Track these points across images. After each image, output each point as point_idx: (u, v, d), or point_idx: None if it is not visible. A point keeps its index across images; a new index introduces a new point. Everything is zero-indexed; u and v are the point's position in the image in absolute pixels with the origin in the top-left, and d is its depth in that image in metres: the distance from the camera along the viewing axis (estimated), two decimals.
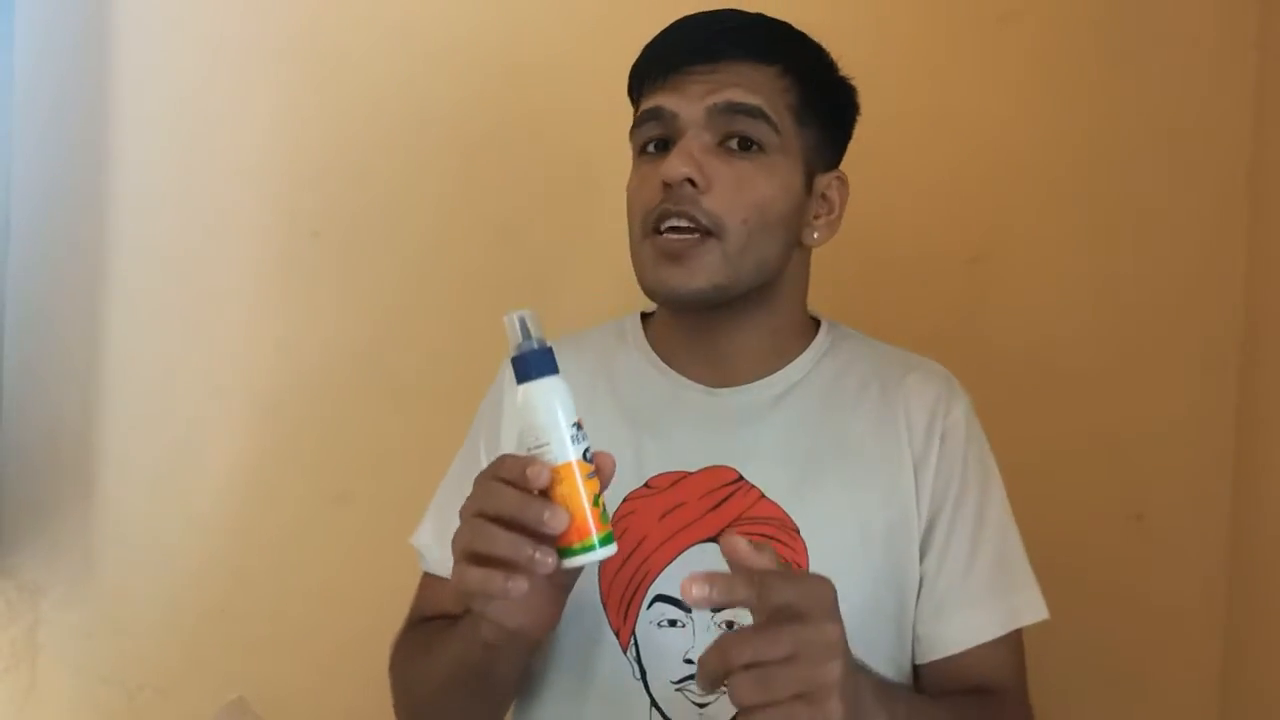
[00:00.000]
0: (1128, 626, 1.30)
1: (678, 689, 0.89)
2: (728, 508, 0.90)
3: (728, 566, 0.68)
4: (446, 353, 1.35)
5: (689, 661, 0.88)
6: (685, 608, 0.89)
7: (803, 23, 0.97)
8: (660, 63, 0.94)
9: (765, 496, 0.91)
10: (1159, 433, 1.30)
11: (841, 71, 0.98)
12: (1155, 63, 1.30)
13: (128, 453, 1.38)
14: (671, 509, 0.91)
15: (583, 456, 0.71)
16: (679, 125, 0.91)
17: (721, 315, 0.94)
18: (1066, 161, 1.31)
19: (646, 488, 0.92)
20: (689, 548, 0.90)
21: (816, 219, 0.96)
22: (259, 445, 1.38)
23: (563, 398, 0.71)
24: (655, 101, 0.92)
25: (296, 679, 1.37)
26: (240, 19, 1.38)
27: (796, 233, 0.94)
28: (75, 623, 1.38)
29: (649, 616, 0.89)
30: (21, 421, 1.37)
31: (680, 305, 0.93)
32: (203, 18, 1.38)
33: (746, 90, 0.90)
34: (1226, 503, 1.28)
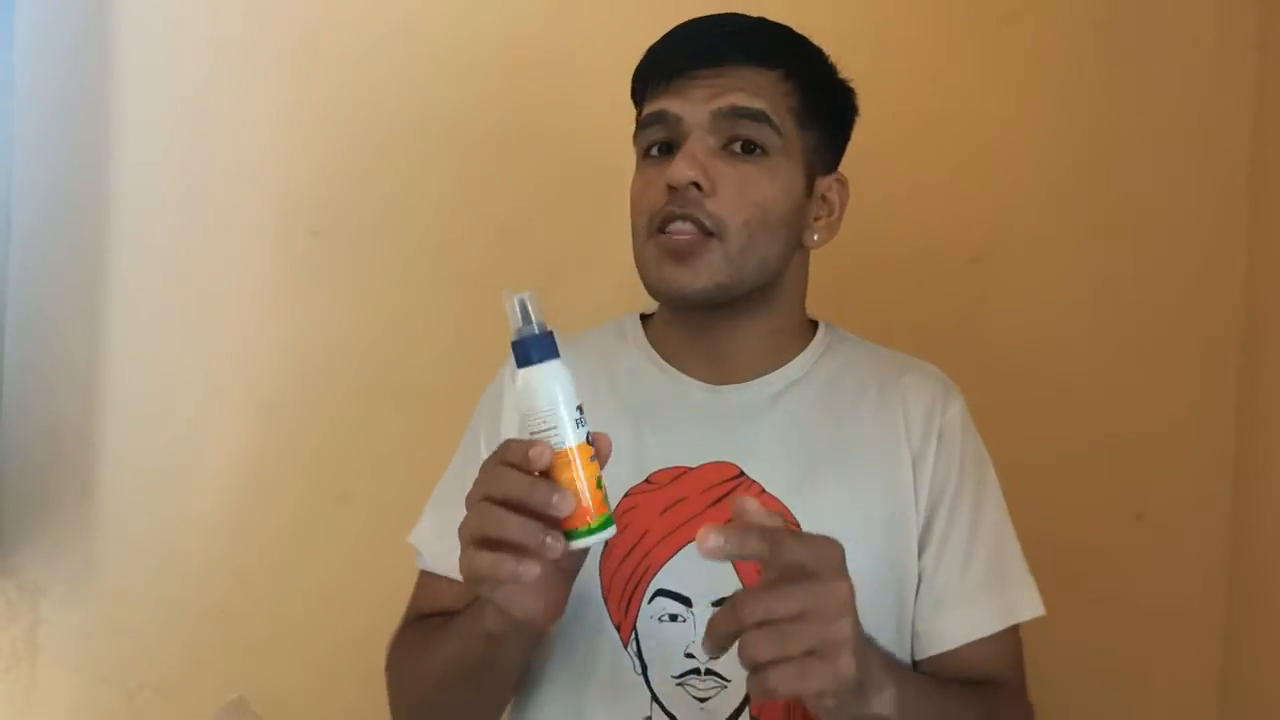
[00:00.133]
0: (1128, 626, 1.30)
1: (679, 683, 0.89)
2: (729, 503, 0.90)
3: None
4: (447, 353, 1.35)
5: (690, 656, 0.88)
6: (687, 602, 0.89)
7: (803, 25, 0.97)
8: (664, 66, 0.94)
9: (766, 492, 0.91)
10: (1159, 433, 1.30)
11: (841, 74, 0.98)
12: (1155, 63, 1.31)
13: (128, 452, 1.38)
14: (673, 504, 0.91)
15: (585, 440, 0.71)
16: (683, 129, 0.91)
17: (723, 314, 0.94)
18: (1066, 161, 1.32)
19: (648, 483, 0.92)
20: (690, 542, 0.89)
21: (817, 220, 0.97)
22: (259, 445, 1.38)
23: (564, 382, 0.72)
24: (659, 105, 0.93)
25: (296, 679, 1.36)
26: (241, 20, 1.38)
27: (797, 234, 0.95)
28: (75, 623, 1.38)
29: (650, 611, 0.89)
30: (22, 421, 1.36)
31: (684, 304, 0.94)
32: (203, 18, 1.38)
33: (750, 94, 0.91)
34: (1226, 503, 1.29)
